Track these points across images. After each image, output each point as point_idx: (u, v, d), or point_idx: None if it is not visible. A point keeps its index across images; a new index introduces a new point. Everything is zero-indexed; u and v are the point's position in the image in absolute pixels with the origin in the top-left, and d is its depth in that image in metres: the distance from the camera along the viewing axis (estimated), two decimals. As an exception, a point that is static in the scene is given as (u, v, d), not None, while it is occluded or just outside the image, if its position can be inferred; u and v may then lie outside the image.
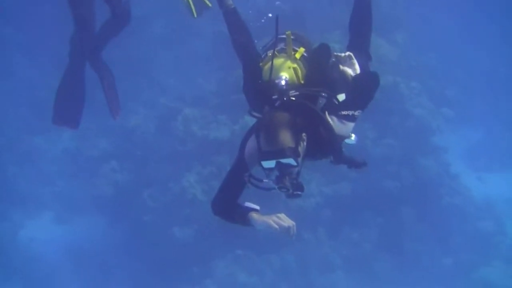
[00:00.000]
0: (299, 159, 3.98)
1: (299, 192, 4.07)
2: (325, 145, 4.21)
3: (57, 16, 15.59)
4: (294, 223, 4.01)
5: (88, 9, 6.81)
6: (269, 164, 3.96)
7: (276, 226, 3.99)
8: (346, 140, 4.34)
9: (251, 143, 4.23)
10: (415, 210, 13.97)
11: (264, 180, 4.11)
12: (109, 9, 7.05)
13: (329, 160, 4.39)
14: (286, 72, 4.30)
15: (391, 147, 13.76)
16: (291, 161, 3.93)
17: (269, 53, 4.44)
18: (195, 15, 6.04)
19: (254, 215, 4.17)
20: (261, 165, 4.04)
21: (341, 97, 4.35)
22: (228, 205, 4.37)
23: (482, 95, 18.41)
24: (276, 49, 4.43)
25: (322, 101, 4.28)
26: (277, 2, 14.03)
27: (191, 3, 5.99)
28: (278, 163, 3.94)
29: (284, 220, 4.02)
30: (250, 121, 4.50)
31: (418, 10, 18.36)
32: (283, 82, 4.21)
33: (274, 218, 4.04)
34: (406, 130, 14.08)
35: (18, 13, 16.65)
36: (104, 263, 14.11)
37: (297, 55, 4.39)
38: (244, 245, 13.08)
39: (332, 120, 4.19)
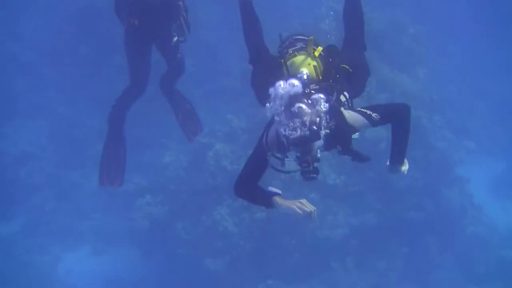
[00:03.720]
0: (322, 133, 4.32)
1: (315, 175, 4.44)
2: (337, 133, 4.51)
3: (92, 57, 16.37)
4: (315, 208, 4.44)
5: (145, 67, 7.39)
6: None
7: (300, 211, 4.42)
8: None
9: (271, 133, 4.63)
10: (439, 240, 14.28)
11: (286, 159, 4.47)
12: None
13: (337, 150, 4.77)
14: (307, 68, 4.83)
15: (415, 179, 13.99)
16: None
17: (290, 51, 4.98)
18: None
19: (277, 199, 4.61)
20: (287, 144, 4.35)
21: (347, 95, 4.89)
22: (250, 186, 4.80)
23: (503, 126, 18.70)
24: (295, 48, 5.00)
25: (335, 95, 4.77)
26: None
27: None
28: None
29: (307, 206, 4.45)
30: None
31: (438, 45, 18.70)
32: (304, 77, 4.67)
33: (297, 203, 4.48)
34: (429, 162, 14.37)
35: (54, 53, 17.28)
36: (138, 293, 14.54)
37: (316, 53, 4.93)
38: (275, 275, 13.42)
39: (348, 112, 4.66)
